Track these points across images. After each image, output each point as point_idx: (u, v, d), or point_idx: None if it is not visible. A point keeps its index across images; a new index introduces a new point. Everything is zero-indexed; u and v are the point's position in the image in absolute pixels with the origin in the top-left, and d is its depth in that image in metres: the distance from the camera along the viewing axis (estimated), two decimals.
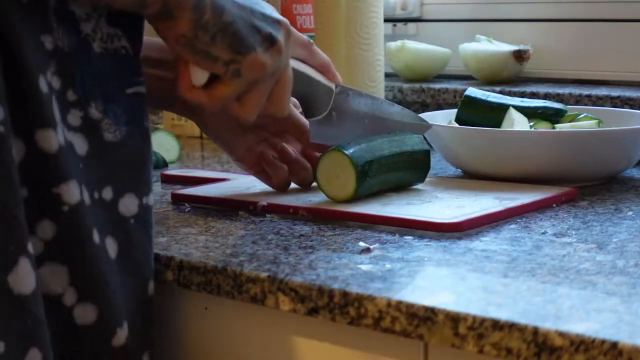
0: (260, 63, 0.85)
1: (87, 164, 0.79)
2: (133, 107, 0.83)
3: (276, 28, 0.87)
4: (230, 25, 0.83)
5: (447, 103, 1.52)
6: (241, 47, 0.84)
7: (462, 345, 0.68)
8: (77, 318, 0.78)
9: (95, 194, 0.79)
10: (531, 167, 1.10)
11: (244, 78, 0.86)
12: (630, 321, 0.66)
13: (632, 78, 1.49)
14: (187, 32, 0.82)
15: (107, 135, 0.80)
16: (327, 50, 1.45)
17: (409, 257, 0.83)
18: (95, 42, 0.81)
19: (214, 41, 0.83)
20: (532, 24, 1.60)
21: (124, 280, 0.80)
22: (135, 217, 0.82)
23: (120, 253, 0.80)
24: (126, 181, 0.81)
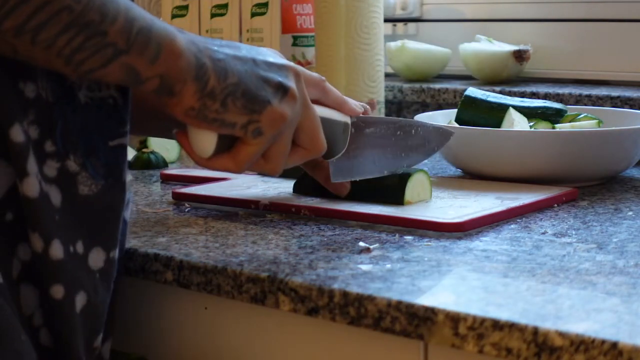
0: (279, 115, 0.83)
1: (62, 217, 0.76)
2: (114, 160, 0.79)
3: (284, 74, 0.84)
4: (239, 86, 0.80)
5: (447, 103, 1.52)
6: (255, 105, 0.81)
7: (462, 345, 0.68)
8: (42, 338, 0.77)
9: (70, 248, 0.76)
10: (531, 167, 1.10)
11: (267, 135, 0.83)
12: (630, 321, 0.66)
13: (632, 78, 1.49)
14: (194, 104, 0.79)
15: (82, 188, 0.77)
16: (327, 50, 1.45)
17: (409, 257, 0.83)
18: (81, 91, 0.78)
19: (226, 107, 0.80)
20: (532, 24, 1.60)
21: (84, 332, 0.78)
22: (100, 271, 0.79)
23: (86, 307, 0.78)
24: (96, 235, 0.78)
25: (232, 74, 0.80)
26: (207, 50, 0.80)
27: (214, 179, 1.15)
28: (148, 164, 1.29)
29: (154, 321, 0.92)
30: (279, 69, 0.84)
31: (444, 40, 1.65)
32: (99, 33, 0.72)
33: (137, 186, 1.18)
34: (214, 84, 0.79)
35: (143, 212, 1.03)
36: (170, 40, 0.76)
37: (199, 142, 0.84)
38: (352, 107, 0.95)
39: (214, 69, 0.79)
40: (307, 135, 0.88)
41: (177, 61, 0.77)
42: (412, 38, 1.69)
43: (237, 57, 0.82)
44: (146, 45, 0.74)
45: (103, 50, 0.73)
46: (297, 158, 0.89)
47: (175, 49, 0.76)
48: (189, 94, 0.78)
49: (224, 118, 0.81)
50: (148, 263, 0.87)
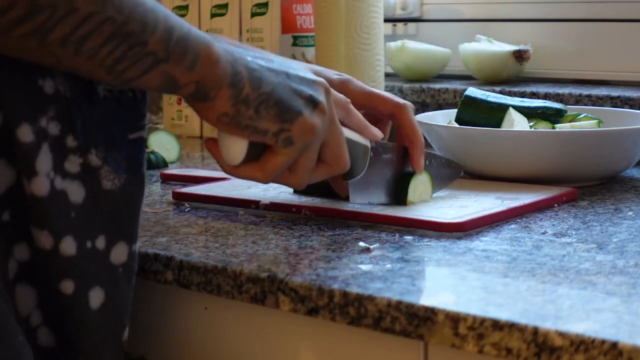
0: (310, 126, 0.84)
1: (82, 213, 0.77)
2: (134, 153, 0.80)
3: (315, 89, 0.85)
4: (272, 95, 0.82)
5: (447, 103, 1.52)
6: (287, 114, 0.83)
7: (462, 345, 0.68)
8: (40, 339, 0.78)
9: (88, 244, 0.77)
10: (531, 167, 1.10)
11: (297, 145, 0.84)
12: (630, 321, 0.66)
13: (632, 78, 1.49)
14: (228, 109, 0.80)
15: (105, 183, 0.78)
16: (327, 50, 1.45)
17: (409, 257, 0.83)
18: (100, 85, 0.78)
19: (259, 114, 0.81)
20: (532, 24, 1.60)
21: (101, 329, 0.79)
22: (124, 265, 0.79)
23: (105, 303, 0.78)
24: (119, 229, 0.79)
25: (266, 83, 0.82)
26: (242, 60, 0.81)
27: (214, 179, 1.15)
28: (148, 164, 1.29)
29: (154, 321, 0.92)
30: (310, 84, 0.86)
31: (444, 40, 1.65)
32: (140, 43, 0.73)
33: None
34: (248, 91, 0.81)
35: (143, 212, 1.02)
36: (207, 48, 0.78)
37: (229, 149, 0.85)
38: (373, 132, 0.96)
39: (249, 78, 0.81)
40: (332, 152, 0.89)
41: (214, 68, 0.78)
42: (412, 38, 1.69)
43: (271, 68, 0.83)
44: (184, 54, 0.76)
45: (143, 59, 0.74)
46: (321, 173, 0.90)
47: (212, 57, 0.78)
48: (224, 100, 0.80)
49: (257, 125, 0.82)
50: (148, 263, 0.87)
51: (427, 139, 1.20)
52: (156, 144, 1.34)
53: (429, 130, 1.18)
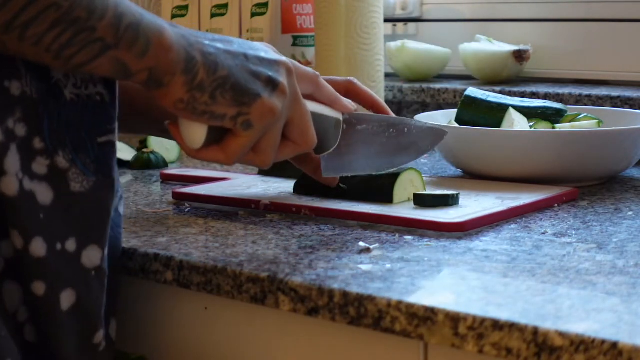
0: (268, 108, 0.83)
1: (51, 214, 0.77)
2: (103, 157, 0.80)
3: (275, 69, 0.85)
4: (228, 79, 0.81)
5: (447, 103, 1.52)
6: (245, 97, 0.82)
7: (462, 345, 0.68)
8: (26, 334, 0.78)
9: (58, 245, 0.77)
10: (531, 167, 1.10)
11: (256, 127, 0.84)
12: (630, 321, 0.66)
13: (632, 78, 1.49)
14: (183, 95, 0.80)
15: (74, 185, 0.78)
16: (327, 51, 1.45)
17: (409, 257, 0.83)
18: (67, 88, 0.78)
19: (214, 99, 0.81)
20: (532, 24, 1.60)
21: (71, 331, 0.79)
22: (97, 268, 0.79)
23: (76, 305, 0.78)
24: (90, 232, 0.79)
25: (222, 67, 0.81)
26: (198, 44, 0.80)
27: (214, 179, 1.15)
28: (148, 164, 1.29)
29: (154, 321, 0.92)
30: (270, 64, 0.85)
31: (444, 40, 1.65)
32: (87, 29, 0.73)
33: (137, 186, 1.18)
34: (203, 76, 0.80)
35: (143, 212, 1.03)
36: (159, 34, 0.77)
37: (189, 133, 0.85)
38: (344, 104, 0.96)
39: (204, 62, 0.80)
40: (298, 130, 0.89)
41: (167, 54, 0.78)
42: (412, 38, 1.69)
43: (229, 51, 0.83)
44: (135, 40, 0.76)
45: (91, 45, 0.74)
46: (288, 151, 0.90)
47: (165, 43, 0.77)
48: (178, 86, 0.79)
49: (213, 110, 0.82)
50: (148, 263, 0.87)
51: None
52: (156, 144, 1.34)
53: None
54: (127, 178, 1.24)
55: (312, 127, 0.90)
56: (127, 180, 1.23)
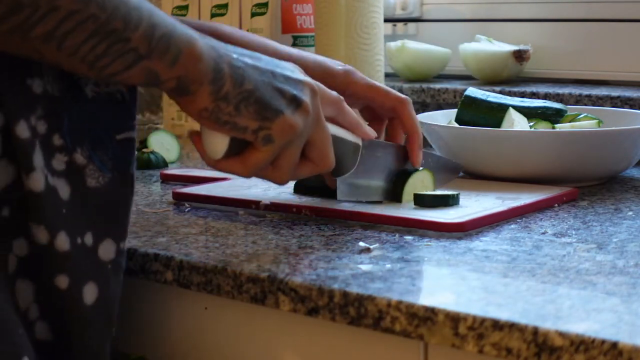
0: (289, 125, 0.85)
1: (71, 209, 0.78)
2: (121, 154, 0.81)
3: (300, 89, 0.86)
4: (253, 93, 0.83)
5: (447, 103, 1.52)
6: (267, 112, 0.84)
7: (462, 345, 0.68)
8: (37, 333, 0.78)
9: (78, 239, 0.78)
10: (531, 167, 1.10)
11: (276, 143, 0.85)
12: (630, 321, 0.66)
13: (632, 78, 1.49)
14: (208, 105, 0.81)
15: (89, 181, 0.79)
16: (327, 51, 1.45)
17: (409, 257, 0.83)
18: (88, 86, 0.79)
19: (239, 111, 0.83)
20: (532, 24, 1.60)
21: (95, 325, 0.80)
22: (112, 262, 0.80)
23: (99, 298, 0.79)
24: (105, 226, 0.80)
25: (249, 81, 0.83)
26: (227, 57, 0.82)
27: (214, 179, 1.15)
28: (148, 164, 1.29)
29: (154, 321, 0.92)
30: (295, 83, 0.86)
31: (444, 40, 1.65)
32: (122, 40, 0.74)
33: (137, 186, 1.18)
34: (229, 88, 0.82)
35: (143, 212, 1.03)
36: (190, 44, 0.79)
37: (211, 143, 0.86)
38: (365, 131, 0.97)
39: (231, 75, 0.82)
40: (317, 150, 0.90)
41: (196, 64, 0.79)
42: (412, 38, 1.69)
43: (256, 67, 0.84)
44: (167, 50, 0.77)
45: (125, 55, 0.75)
46: (306, 171, 0.91)
47: (195, 53, 0.79)
48: (204, 95, 0.81)
49: (236, 121, 0.83)
50: (148, 263, 0.87)
51: (427, 139, 1.20)
52: (156, 144, 1.34)
53: (429, 130, 1.18)
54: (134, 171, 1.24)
55: (332, 149, 0.91)
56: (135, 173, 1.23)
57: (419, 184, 1.00)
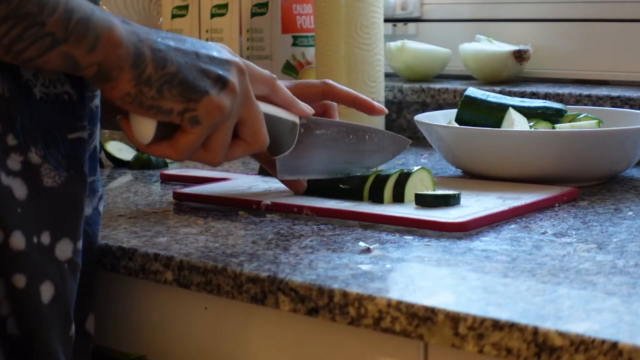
0: (216, 105, 0.84)
1: (27, 209, 0.78)
2: (73, 153, 0.82)
3: (226, 68, 0.86)
4: (176, 75, 0.83)
5: (447, 103, 1.52)
6: (192, 94, 0.83)
7: (462, 345, 0.68)
8: (9, 328, 0.79)
9: (34, 239, 0.79)
10: (531, 167, 1.10)
11: (204, 124, 0.85)
12: (630, 321, 0.66)
13: (632, 78, 1.49)
14: (130, 90, 0.81)
15: (46, 180, 0.80)
16: (327, 50, 1.45)
17: (409, 257, 0.83)
18: (36, 87, 0.80)
19: (162, 94, 0.82)
20: (532, 24, 1.60)
21: (53, 323, 0.80)
22: (69, 261, 0.81)
23: (55, 297, 0.80)
24: (63, 226, 0.81)
25: (171, 63, 0.83)
26: (148, 41, 0.82)
27: (214, 179, 1.15)
28: (148, 164, 1.29)
29: (154, 321, 0.92)
30: (220, 63, 0.86)
31: (444, 40, 1.65)
32: (37, 24, 0.75)
33: (137, 186, 1.18)
34: (150, 72, 0.81)
35: (143, 212, 1.03)
36: (108, 29, 0.79)
37: (139, 128, 0.86)
38: (301, 108, 0.97)
39: (153, 58, 0.81)
40: (249, 129, 0.90)
41: (115, 50, 0.79)
42: (412, 38, 1.69)
43: (179, 49, 0.84)
44: (84, 35, 0.77)
45: (41, 40, 0.75)
46: (239, 151, 0.91)
47: (114, 38, 0.79)
48: (125, 80, 0.81)
49: (160, 104, 0.83)
50: (148, 263, 0.87)
51: (427, 139, 1.20)
52: None
53: (429, 130, 1.18)
54: (127, 178, 1.24)
55: (264, 128, 0.91)
56: (127, 180, 1.23)
57: (418, 184, 1.01)
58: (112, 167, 1.32)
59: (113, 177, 1.26)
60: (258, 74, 0.92)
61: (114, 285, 0.93)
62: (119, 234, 0.93)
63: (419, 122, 1.19)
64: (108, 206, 1.06)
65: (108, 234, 0.93)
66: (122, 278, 0.91)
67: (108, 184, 1.22)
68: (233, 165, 1.33)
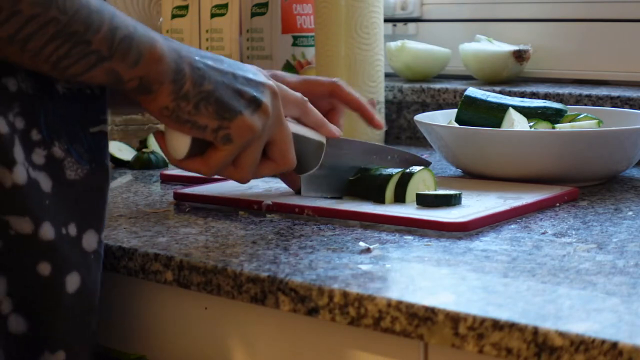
0: (248, 126, 0.88)
1: (53, 201, 0.80)
2: (96, 146, 0.84)
3: (260, 90, 0.89)
4: (213, 93, 0.86)
5: (447, 103, 1.52)
6: (226, 112, 0.87)
7: (462, 345, 0.68)
8: (10, 326, 0.80)
9: (63, 230, 0.81)
10: (531, 167, 1.10)
11: (235, 142, 0.88)
12: (630, 321, 0.66)
13: (632, 78, 1.49)
14: (168, 104, 0.84)
15: (69, 173, 0.82)
16: (327, 50, 1.45)
17: (409, 257, 0.83)
18: (59, 83, 0.82)
19: (198, 110, 0.86)
20: (532, 24, 1.60)
21: (75, 313, 0.81)
22: (94, 252, 0.83)
23: (81, 288, 0.81)
24: (88, 218, 0.83)
25: (209, 82, 0.86)
26: (188, 58, 0.85)
27: (214, 180, 1.15)
28: (148, 164, 1.29)
29: (154, 321, 0.92)
30: (256, 85, 0.90)
31: (444, 40, 1.65)
32: (84, 42, 0.78)
33: (137, 186, 1.18)
34: (188, 88, 0.85)
35: (143, 212, 1.03)
36: (151, 46, 0.82)
37: (174, 143, 0.90)
38: (330, 130, 1.01)
39: (191, 75, 0.85)
40: (278, 150, 0.93)
41: (157, 65, 0.82)
42: (412, 38, 1.69)
43: (217, 68, 0.88)
44: (128, 52, 0.80)
45: (87, 57, 0.78)
46: (267, 170, 0.95)
47: (155, 55, 0.82)
48: (165, 94, 0.84)
49: (196, 120, 0.86)
50: (148, 263, 0.87)
51: (427, 138, 1.20)
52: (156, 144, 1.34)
53: (429, 130, 1.18)
54: (127, 178, 1.24)
55: (293, 149, 0.94)
56: (127, 180, 1.23)
57: (420, 184, 1.01)
58: (112, 167, 1.32)
59: (113, 177, 1.26)
60: (291, 97, 0.96)
61: (114, 285, 0.93)
62: (119, 234, 0.93)
63: (419, 122, 1.19)
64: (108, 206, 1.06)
65: (108, 234, 0.93)
66: (122, 278, 0.91)
67: None
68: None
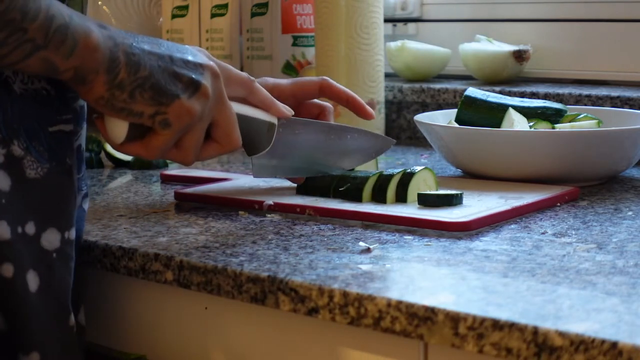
0: (186, 109, 0.87)
1: (11, 200, 0.80)
2: (56, 145, 0.84)
3: (199, 72, 0.88)
4: (148, 79, 0.85)
5: (447, 103, 1.52)
6: (163, 97, 0.86)
7: (462, 345, 0.69)
8: None
9: (19, 229, 0.80)
10: (531, 167, 1.10)
11: (174, 127, 0.87)
12: (630, 321, 0.66)
13: (632, 78, 1.49)
14: (103, 93, 0.84)
15: (29, 172, 0.82)
16: (327, 50, 1.45)
17: (409, 257, 0.83)
18: (16, 83, 0.82)
19: (133, 97, 0.85)
20: (532, 24, 1.60)
21: (41, 313, 0.81)
22: (58, 251, 0.83)
23: (42, 287, 0.81)
24: (48, 216, 0.83)
25: (144, 68, 0.85)
26: (124, 46, 0.84)
27: (214, 180, 1.15)
28: (148, 164, 1.29)
29: (154, 321, 0.92)
30: (194, 67, 0.88)
31: (444, 40, 1.65)
32: (20, 30, 0.77)
33: (137, 186, 1.18)
34: (123, 76, 0.84)
35: (143, 212, 1.03)
36: (86, 35, 0.81)
37: (112, 128, 0.89)
38: (279, 109, 1.00)
39: (126, 63, 0.84)
40: (221, 131, 0.92)
41: (92, 55, 0.82)
42: (412, 38, 1.69)
43: (154, 52, 0.86)
44: (63, 41, 0.80)
45: (22, 45, 0.78)
46: (211, 151, 0.94)
47: (90, 44, 0.81)
48: (99, 84, 0.83)
49: (131, 108, 0.85)
50: (148, 263, 0.87)
51: (427, 138, 1.20)
52: None
53: (429, 130, 1.18)
54: (127, 178, 1.24)
55: (237, 129, 0.93)
56: (127, 180, 1.23)
57: (421, 184, 1.01)
58: (112, 167, 1.32)
59: (113, 177, 1.26)
60: (234, 77, 0.95)
61: (114, 285, 0.93)
62: (119, 234, 0.93)
63: (419, 122, 1.19)
64: (108, 206, 1.06)
65: (108, 234, 0.93)
66: (122, 278, 0.91)
67: (108, 184, 1.22)
68: (233, 165, 1.33)
